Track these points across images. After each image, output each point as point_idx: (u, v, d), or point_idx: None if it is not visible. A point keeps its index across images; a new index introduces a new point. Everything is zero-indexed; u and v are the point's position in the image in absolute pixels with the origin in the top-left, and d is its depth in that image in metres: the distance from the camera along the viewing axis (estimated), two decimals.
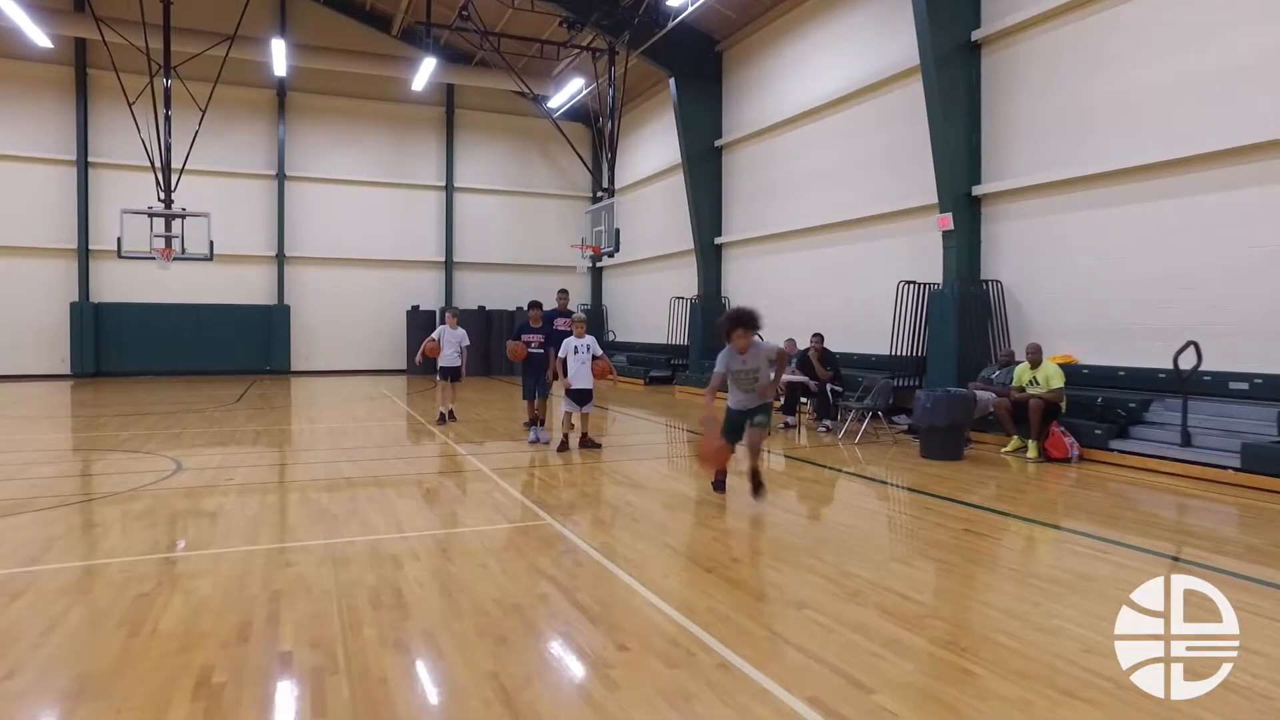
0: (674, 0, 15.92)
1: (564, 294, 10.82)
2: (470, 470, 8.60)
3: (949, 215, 12.20)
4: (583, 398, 9.64)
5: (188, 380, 20.85)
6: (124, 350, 21.94)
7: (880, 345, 13.32)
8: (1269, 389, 8.39)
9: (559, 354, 9.60)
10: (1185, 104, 9.55)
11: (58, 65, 21.02)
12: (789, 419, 12.12)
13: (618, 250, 17.16)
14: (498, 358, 24.71)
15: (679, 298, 20.77)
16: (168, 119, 18.25)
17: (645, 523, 6.23)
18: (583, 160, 21.54)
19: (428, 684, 3.41)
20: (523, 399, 10.71)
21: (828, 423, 11.79)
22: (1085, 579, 4.78)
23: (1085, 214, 10.82)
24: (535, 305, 10.62)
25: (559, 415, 10.13)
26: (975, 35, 12.09)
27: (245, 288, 23.29)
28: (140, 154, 18.18)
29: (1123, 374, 9.92)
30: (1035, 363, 9.62)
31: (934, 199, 12.53)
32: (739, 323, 6.47)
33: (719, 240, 19.49)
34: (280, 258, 23.47)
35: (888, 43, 14.03)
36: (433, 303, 24.78)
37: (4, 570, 4.84)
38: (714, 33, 19.11)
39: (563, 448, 9.64)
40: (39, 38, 17.59)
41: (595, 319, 26.05)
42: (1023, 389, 9.65)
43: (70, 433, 10.92)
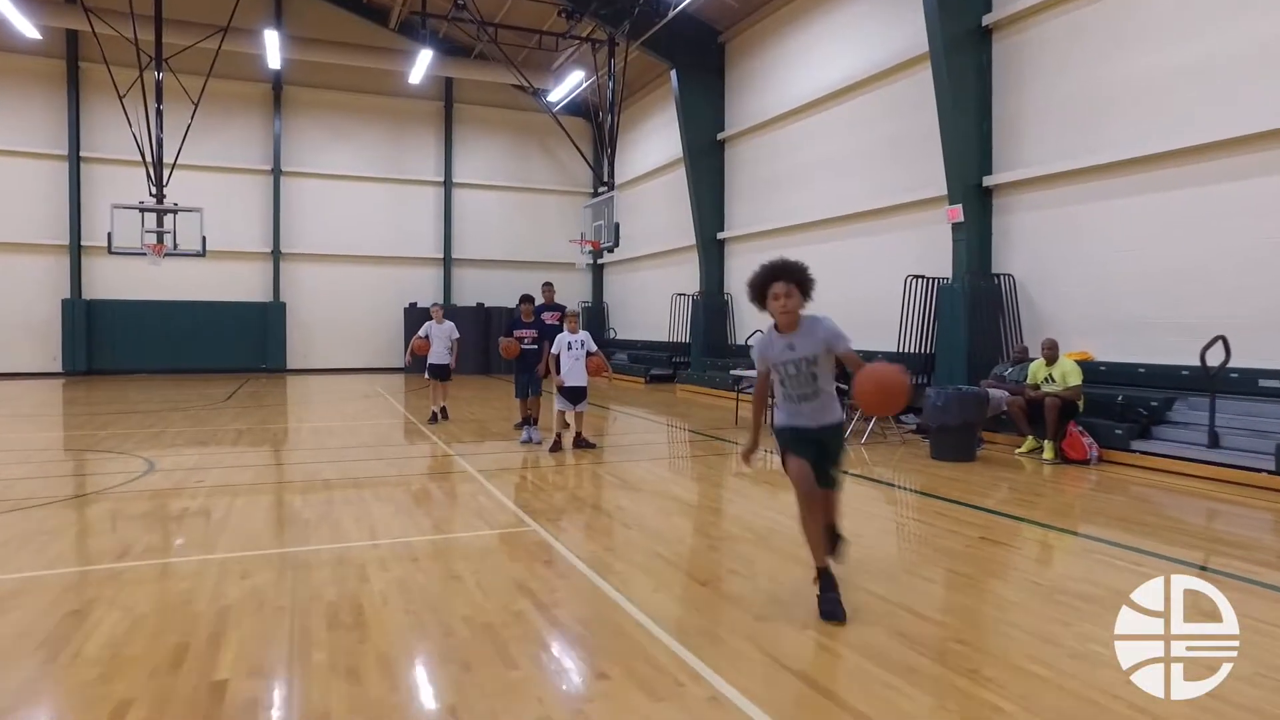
0: None
1: (549, 287, 10.46)
2: (456, 472, 8.18)
3: (958, 207, 11.73)
4: (576, 396, 9.23)
5: (181, 378, 20.47)
6: (117, 348, 21.58)
7: (887, 342, 12.85)
8: None
9: (551, 350, 9.21)
10: (1207, 89, 9.08)
11: (48, 58, 20.66)
12: None
13: (617, 245, 16.73)
14: (497, 356, 24.28)
15: (680, 294, 20.32)
16: (159, 113, 17.89)
17: (637, 530, 5.80)
18: (583, 155, 21.12)
19: None
20: (515, 397, 10.31)
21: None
22: (1120, 595, 4.31)
23: (1102, 204, 10.35)
24: (527, 299, 10.20)
25: (553, 414, 9.70)
26: (986, 20, 11.62)
27: (241, 284, 22.91)
28: (133, 149, 17.81)
29: (1143, 371, 9.45)
30: (1051, 359, 9.17)
31: (943, 190, 12.07)
32: (777, 274, 4.03)
33: (721, 235, 19.05)
34: (276, 254, 23.09)
35: (895, 30, 13.57)
36: (431, 300, 24.28)
37: None
38: (716, 23, 18.66)
39: (555, 448, 9.22)
40: (27, 29, 17.25)
41: (596, 316, 25.65)
42: (1037, 386, 9.20)
43: (47, 432, 10.54)
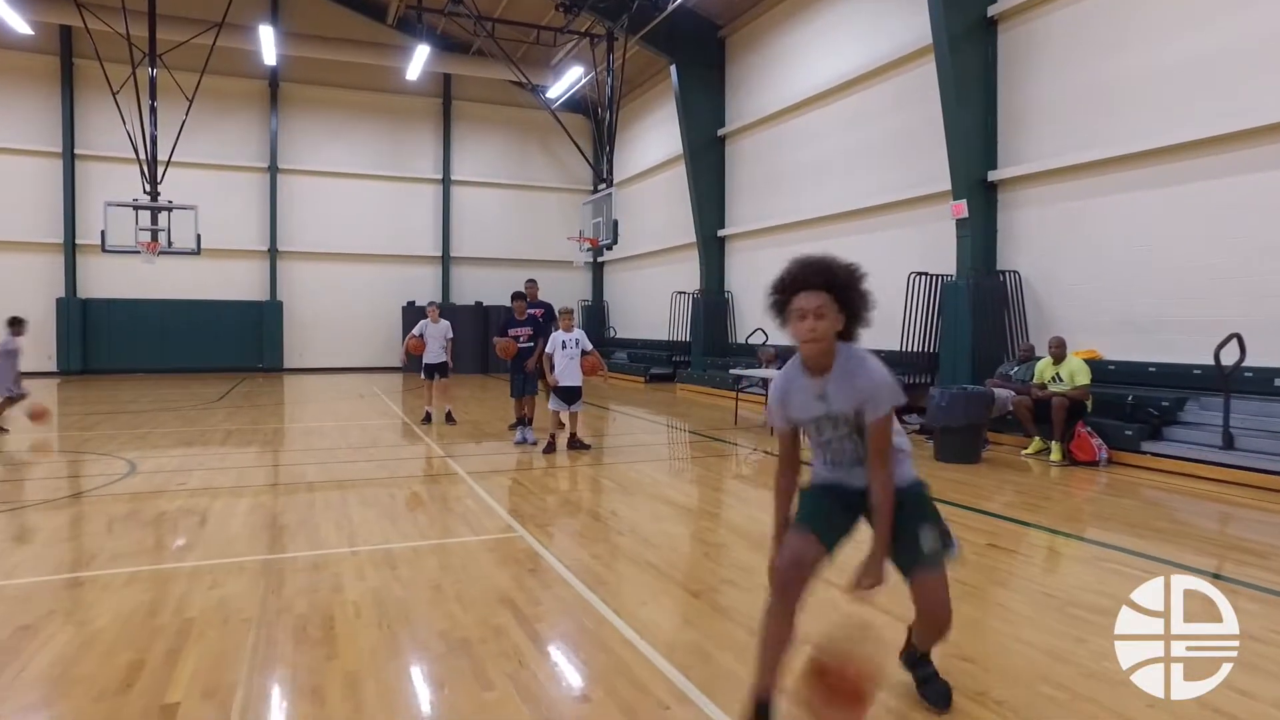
0: None
1: (532, 284, 10.26)
2: (446, 474, 7.95)
3: (963, 202, 11.48)
4: (570, 396, 8.99)
5: (177, 378, 20.27)
6: (112, 347, 21.39)
7: (890, 340, 12.58)
8: None
9: (546, 349, 8.99)
10: (1218, 80, 8.82)
11: (42, 54, 20.47)
12: None
13: (616, 242, 16.48)
14: (495, 355, 24.08)
15: (681, 292, 20.08)
16: (153, 110, 17.65)
17: (630, 536, 5.56)
18: (582, 152, 20.87)
19: None
20: (511, 396, 10.06)
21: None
22: None
23: (1110, 199, 10.09)
24: (519, 297, 9.97)
25: (548, 414, 9.47)
26: (991, 11, 11.36)
27: (238, 283, 22.71)
28: (128, 146, 17.58)
29: (1153, 370, 9.20)
30: (1058, 358, 8.92)
31: (947, 186, 11.81)
32: (807, 276, 2.73)
33: (722, 233, 18.79)
34: (273, 252, 22.87)
35: (897, 22, 13.31)
36: (429, 298, 24.05)
37: None
38: (716, 17, 18.41)
39: (549, 449, 8.98)
40: (19, 24, 17.04)
41: (595, 314, 25.40)
42: (1044, 386, 8.95)
43: (30, 432, 10.31)
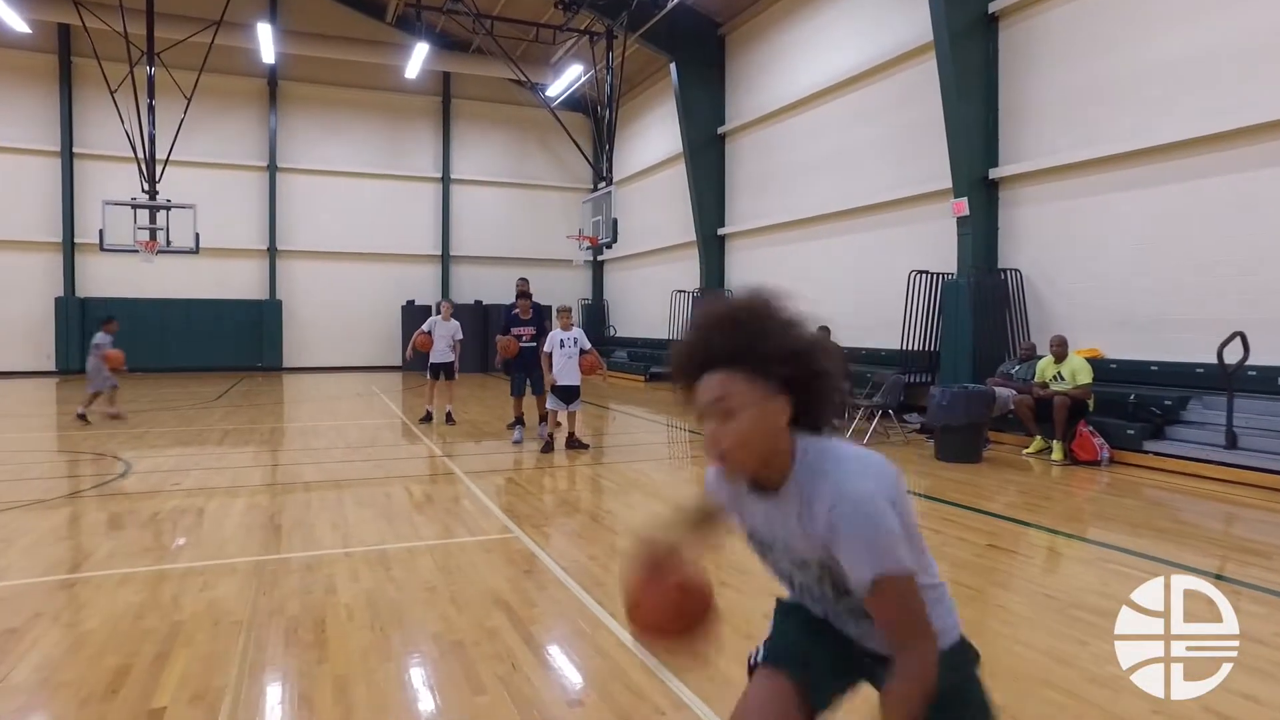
0: None
1: (524, 282, 10.24)
2: (443, 474, 7.90)
3: (964, 200, 11.42)
4: (568, 395, 8.95)
5: (176, 377, 20.22)
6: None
7: (890, 339, 12.56)
8: None
9: (544, 348, 8.93)
10: (1223, 75, 8.75)
11: (40, 53, 20.41)
12: None
13: (615, 241, 16.43)
14: (495, 354, 24.00)
15: (681, 291, 20.02)
16: (151, 108, 17.59)
17: (626, 537, 5.50)
18: (581, 151, 20.82)
19: None
20: (511, 395, 9.96)
21: (834, 421, 11.02)
22: None
23: (1112, 196, 10.02)
24: (524, 295, 9.93)
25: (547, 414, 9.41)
26: (992, 8, 11.29)
27: (236, 282, 22.65)
28: (126, 144, 17.53)
29: (1155, 369, 9.14)
30: (1060, 357, 8.86)
31: (948, 183, 11.75)
32: (692, 357, 1.51)
33: (722, 231, 18.73)
34: (272, 251, 22.81)
35: (898, 19, 13.24)
36: (429, 297, 24.08)
37: None
38: (716, 15, 18.33)
39: (547, 449, 8.93)
40: (16, 23, 16.99)
41: (595, 313, 25.34)
42: (1046, 385, 8.89)
43: (27, 432, 10.28)
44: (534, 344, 9.47)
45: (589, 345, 9.06)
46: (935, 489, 7.16)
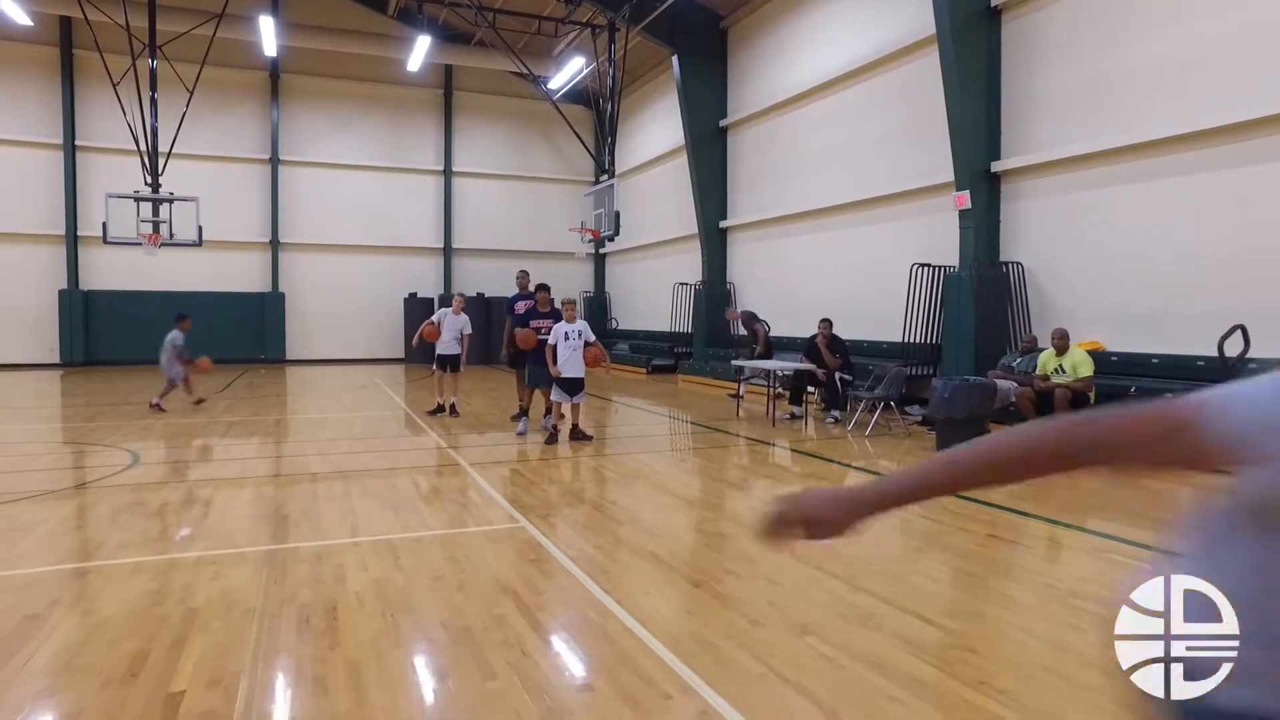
0: None
1: (524, 274, 10.30)
2: (448, 465, 7.96)
3: (966, 193, 11.44)
4: (573, 387, 9.00)
5: None
6: (115, 339, 21.38)
7: (892, 332, 12.60)
8: None
9: (549, 340, 8.97)
10: (1226, 69, 8.77)
11: (42, 45, 20.40)
12: (795, 409, 11.45)
13: (618, 233, 16.45)
14: (499, 347, 24.04)
15: (683, 284, 20.06)
16: (153, 101, 17.61)
17: (631, 526, 5.57)
18: (584, 143, 20.77)
19: None
20: (528, 386, 9.91)
21: (836, 413, 11.11)
22: None
23: (1114, 190, 10.06)
24: (543, 288, 10.00)
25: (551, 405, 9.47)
26: (994, 1, 11.30)
27: (239, 275, 22.69)
28: (129, 137, 17.55)
29: (1156, 361, 9.18)
30: (1061, 349, 8.90)
31: (950, 177, 11.76)
32: None
33: (724, 224, 18.76)
34: (275, 244, 22.85)
35: (901, 12, 13.23)
36: (431, 290, 24.14)
37: None
38: (718, 8, 18.31)
39: (551, 440, 8.99)
40: (19, 15, 16.99)
41: (597, 306, 25.37)
42: (1047, 377, 8.94)
43: (34, 424, 10.35)
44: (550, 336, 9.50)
45: (593, 337, 9.10)
46: None
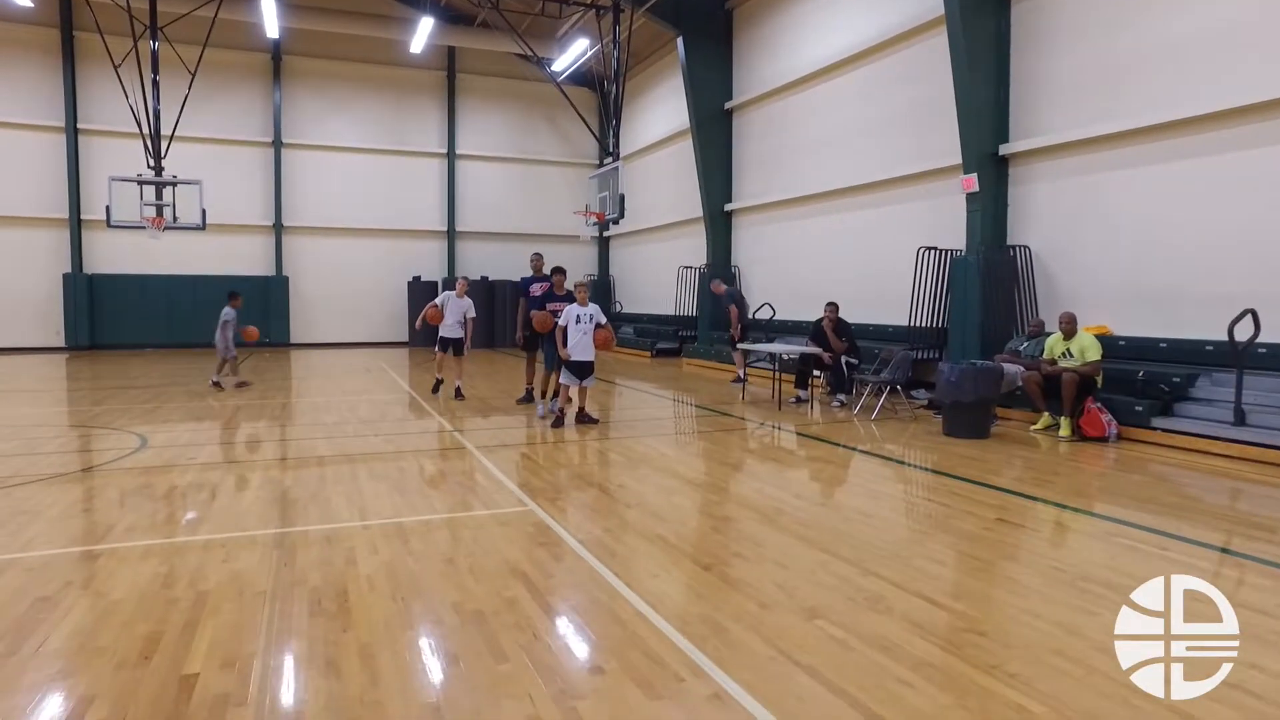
0: None
1: (539, 257, 10.29)
2: (454, 448, 7.97)
3: (973, 176, 11.37)
4: (583, 370, 8.99)
5: (184, 353, 20.29)
6: (119, 323, 21.42)
7: (898, 316, 12.56)
8: None
9: (560, 322, 8.94)
10: (1236, 50, 8.66)
11: (42, 26, 20.28)
12: (801, 393, 11.45)
13: (622, 216, 16.37)
14: (503, 331, 24.10)
15: (687, 267, 20.00)
16: (155, 83, 17.51)
17: (639, 510, 5.58)
18: (588, 126, 20.67)
19: None
20: (546, 369, 9.88)
21: (842, 397, 11.10)
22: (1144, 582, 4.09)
23: (1123, 172, 9.98)
24: (559, 271, 10.02)
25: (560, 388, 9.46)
26: None
27: (242, 258, 22.67)
28: (131, 120, 17.47)
29: (1164, 346, 9.14)
30: (1069, 333, 8.86)
31: (957, 159, 11.69)
32: None
33: (729, 207, 18.67)
34: (278, 227, 22.81)
35: None
36: (435, 273, 24.12)
37: None
38: None
39: (558, 424, 8.99)
40: None
41: (601, 289, 25.33)
42: (1054, 361, 8.91)
43: (41, 407, 10.37)
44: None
45: (604, 320, 9.07)
46: (944, 464, 7.21)
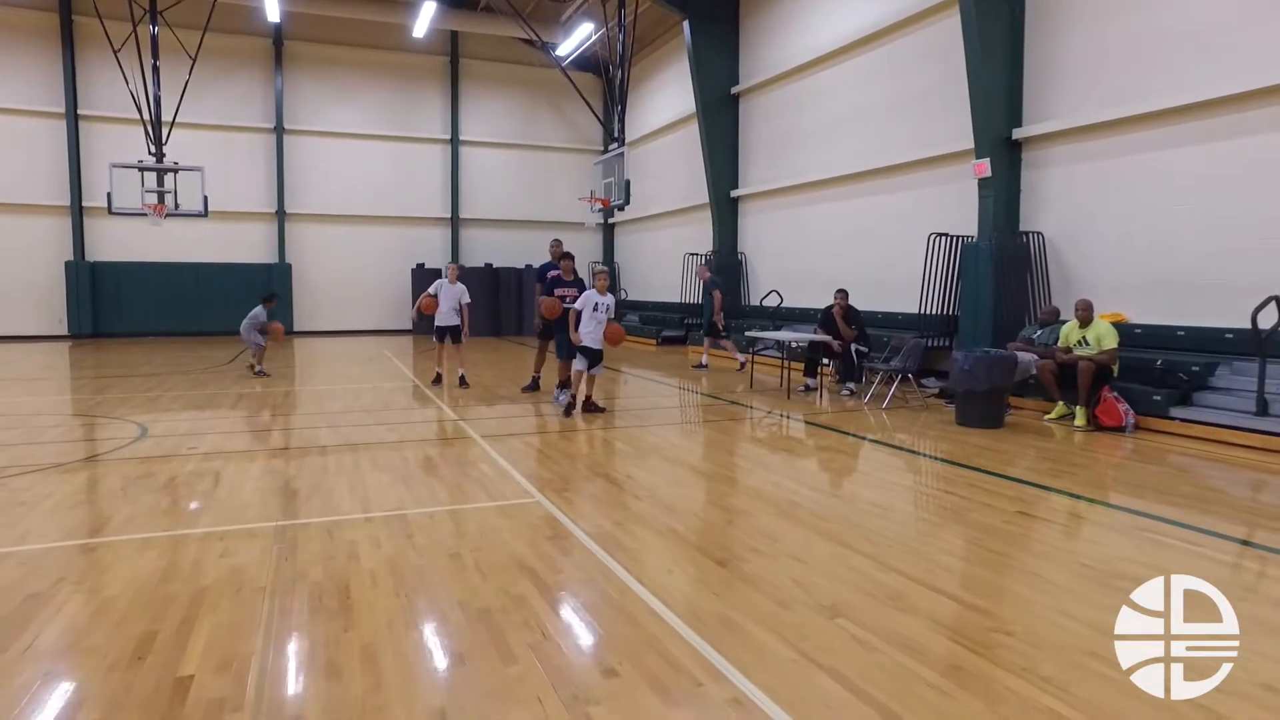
0: None
1: (558, 243, 10.16)
2: (459, 438, 7.83)
3: (986, 161, 11.15)
4: (594, 358, 8.85)
5: (187, 341, 20.18)
6: (122, 310, 21.30)
7: (908, 303, 12.37)
8: None
9: (575, 305, 8.79)
10: (1256, 31, 8.41)
11: (42, 11, 20.06)
12: (810, 381, 11.29)
13: (628, 203, 16.15)
14: (507, 318, 23.97)
15: (693, 254, 19.80)
16: (155, 69, 17.32)
17: (649, 501, 5.44)
18: (593, 111, 20.45)
19: None
20: (559, 358, 9.76)
21: (851, 385, 10.94)
22: None
23: (1140, 157, 9.75)
24: (568, 256, 9.84)
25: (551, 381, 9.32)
26: None
27: (245, 246, 22.52)
28: (132, 106, 17.28)
29: (1182, 334, 8.95)
30: (1085, 321, 8.68)
31: (969, 144, 11.45)
32: None
33: (735, 193, 18.45)
34: (280, 214, 22.63)
35: None
36: (438, 260, 23.92)
37: None
38: None
39: (568, 412, 8.86)
40: None
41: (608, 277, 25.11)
42: (1070, 350, 8.73)
43: (41, 396, 10.26)
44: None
45: (614, 314, 8.94)
46: (958, 454, 7.06)
